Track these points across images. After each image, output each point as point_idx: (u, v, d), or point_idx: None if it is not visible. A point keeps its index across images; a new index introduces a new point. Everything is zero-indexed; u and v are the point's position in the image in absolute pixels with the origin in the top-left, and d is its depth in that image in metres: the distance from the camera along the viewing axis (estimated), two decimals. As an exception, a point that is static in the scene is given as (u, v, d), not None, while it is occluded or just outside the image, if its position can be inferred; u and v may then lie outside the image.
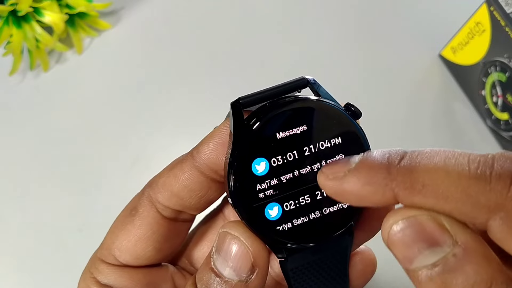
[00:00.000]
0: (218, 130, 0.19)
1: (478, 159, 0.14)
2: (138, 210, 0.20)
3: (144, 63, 0.42)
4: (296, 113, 0.17)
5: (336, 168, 0.16)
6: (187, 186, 0.19)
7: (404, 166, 0.14)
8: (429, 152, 0.14)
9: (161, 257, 0.21)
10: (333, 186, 0.15)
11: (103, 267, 0.21)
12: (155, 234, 0.20)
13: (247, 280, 0.17)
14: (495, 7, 0.35)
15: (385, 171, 0.14)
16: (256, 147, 0.17)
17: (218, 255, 0.17)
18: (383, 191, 0.14)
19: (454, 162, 0.14)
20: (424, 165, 0.14)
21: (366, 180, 0.15)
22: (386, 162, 0.15)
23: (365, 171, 0.15)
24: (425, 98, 0.42)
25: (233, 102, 0.18)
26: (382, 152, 0.15)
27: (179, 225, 0.21)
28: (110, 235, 0.21)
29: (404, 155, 0.15)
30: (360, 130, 0.18)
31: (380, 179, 0.14)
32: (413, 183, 0.14)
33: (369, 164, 0.15)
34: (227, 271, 0.17)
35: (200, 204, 0.20)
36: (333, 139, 0.18)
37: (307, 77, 0.19)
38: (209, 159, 0.19)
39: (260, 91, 0.18)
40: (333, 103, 0.18)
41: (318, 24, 0.44)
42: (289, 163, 0.17)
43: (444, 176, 0.13)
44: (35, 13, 0.38)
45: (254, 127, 0.17)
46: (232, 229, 0.17)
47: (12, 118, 0.40)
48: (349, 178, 0.15)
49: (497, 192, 0.13)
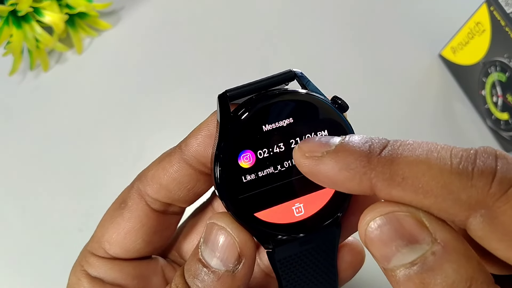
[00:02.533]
0: (206, 122, 0.19)
1: (461, 154, 0.13)
2: (128, 203, 0.20)
3: (144, 63, 0.42)
4: (283, 105, 0.17)
5: (314, 147, 0.15)
6: (176, 179, 0.19)
7: (385, 156, 0.14)
8: (412, 143, 0.14)
9: (151, 250, 0.21)
10: (309, 165, 0.15)
11: (93, 260, 0.21)
12: (144, 226, 0.20)
13: (234, 270, 0.17)
14: (495, 7, 0.35)
15: (365, 159, 0.14)
16: (242, 139, 0.17)
17: (205, 246, 0.17)
18: (360, 180, 0.14)
19: (436, 156, 0.13)
20: (406, 157, 0.13)
21: (343, 165, 0.14)
22: (367, 150, 0.14)
23: (344, 155, 0.14)
24: (425, 98, 0.42)
25: (220, 95, 0.18)
26: (364, 138, 0.14)
27: (168, 217, 0.21)
28: (100, 228, 0.21)
29: (386, 145, 0.14)
30: (347, 122, 0.18)
31: (358, 167, 0.14)
32: (392, 174, 0.13)
33: (349, 149, 0.14)
34: (214, 261, 0.17)
35: (189, 196, 0.20)
36: (319, 132, 0.18)
37: (295, 70, 0.19)
38: (197, 152, 0.19)
39: (247, 84, 0.18)
40: (320, 96, 0.18)
41: (318, 24, 0.44)
42: (275, 156, 0.17)
43: (425, 169, 0.13)
44: (35, 13, 0.38)
45: (241, 119, 0.17)
46: (219, 220, 0.17)
47: (12, 118, 0.40)
48: (326, 160, 0.14)
49: (479, 189, 0.13)
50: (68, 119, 0.40)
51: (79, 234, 0.36)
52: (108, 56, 0.42)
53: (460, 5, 0.42)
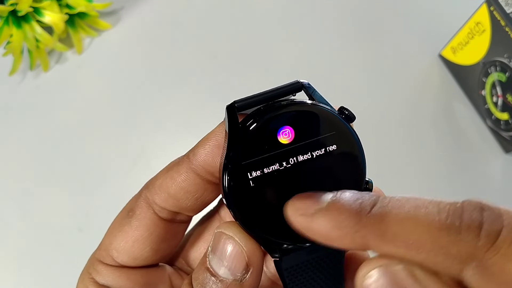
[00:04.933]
0: (214, 132, 0.19)
1: (448, 208, 0.14)
2: (135, 211, 0.21)
3: (144, 63, 0.42)
4: (291, 116, 0.17)
5: (306, 204, 0.15)
6: (184, 188, 0.20)
7: (375, 214, 0.14)
8: (400, 200, 0.14)
9: (158, 258, 0.22)
10: (302, 222, 0.15)
11: (101, 268, 0.21)
12: (152, 235, 0.21)
13: (242, 279, 0.17)
14: (495, 7, 0.35)
15: (355, 218, 0.14)
16: (250, 149, 0.17)
17: (213, 254, 0.18)
18: (352, 237, 0.14)
19: (424, 212, 0.14)
20: (395, 214, 0.14)
21: (335, 224, 0.14)
22: (357, 208, 0.14)
23: (335, 214, 0.15)
24: (425, 98, 0.42)
25: (228, 105, 0.18)
26: (354, 195, 0.15)
27: (175, 226, 0.22)
28: (108, 236, 0.21)
29: (376, 202, 0.14)
30: (354, 133, 0.18)
31: (350, 225, 0.14)
32: (383, 232, 0.14)
33: (340, 207, 0.15)
34: (222, 271, 0.17)
35: (196, 205, 0.20)
36: (328, 147, 0.18)
37: (302, 81, 0.19)
38: (205, 161, 0.19)
39: (255, 95, 0.18)
40: (328, 107, 0.18)
41: (318, 25, 0.44)
42: (283, 167, 0.17)
43: (415, 226, 0.14)
44: (35, 13, 0.38)
45: (249, 129, 0.17)
46: (227, 229, 0.18)
47: (12, 118, 0.40)
48: (318, 218, 0.15)
49: (467, 242, 0.13)
50: (68, 119, 0.40)
51: (79, 233, 0.36)
52: (108, 56, 0.42)
53: (460, 5, 0.42)
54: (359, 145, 0.18)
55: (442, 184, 0.39)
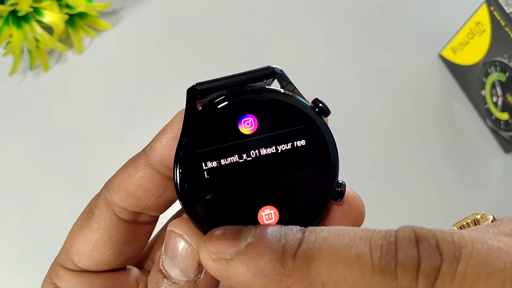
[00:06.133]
0: (170, 124, 0.18)
1: (380, 244, 0.12)
2: (95, 213, 0.19)
3: (144, 63, 0.42)
4: (255, 104, 0.16)
5: (222, 246, 0.13)
6: (142, 186, 0.18)
7: (300, 259, 0.12)
8: (327, 237, 0.13)
9: (122, 261, 0.20)
10: (217, 269, 0.13)
11: (62, 273, 0.20)
12: (113, 237, 0.19)
13: (196, 280, 0.16)
14: (495, 7, 0.35)
15: (279, 264, 0.12)
16: (207, 137, 0.16)
17: (165, 255, 0.16)
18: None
19: (355, 252, 0.12)
20: (323, 258, 0.12)
21: (256, 272, 0.12)
22: (280, 250, 0.13)
23: (255, 258, 0.13)
24: (425, 98, 0.42)
25: (189, 88, 0.16)
26: (277, 233, 0.13)
27: (139, 227, 0.20)
28: (69, 240, 0.20)
29: (301, 242, 0.13)
30: (327, 128, 0.16)
31: (273, 274, 0.12)
32: (311, 281, 0.12)
33: (260, 250, 0.13)
34: (175, 272, 0.16)
35: (158, 204, 0.19)
36: (296, 142, 0.16)
37: (274, 67, 0.17)
38: (162, 156, 0.18)
39: (220, 78, 0.17)
40: (299, 97, 0.16)
41: (318, 25, 0.44)
42: (243, 159, 0.16)
43: (346, 273, 0.12)
44: (35, 13, 0.38)
45: (207, 115, 0.16)
46: (177, 227, 0.16)
47: (12, 118, 0.40)
48: (236, 264, 0.13)
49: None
50: (68, 119, 0.40)
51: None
52: (108, 56, 0.42)
53: (460, 5, 0.42)
54: (331, 142, 0.16)
55: (442, 184, 0.39)
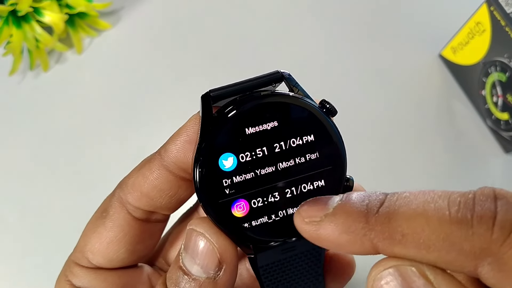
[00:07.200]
0: (185, 127, 0.19)
1: (458, 201, 0.13)
2: (109, 212, 0.20)
3: (144, 63, 0.42)
4: (268, 108, 0.17)
5: (312, 211, 0.15)
6: (156, 186, 0.19)
7: (382, 214, 0.13)
8: (408, 196, 0.14)
9: (135, 259, 0.21)
10: (309, 230, 0.15)
11: (77, 270, 0.20)
12: (127, 235, 0.20)
13: (215, 277, 0.17)
14: (495, 7, 0.35)
15: (363, 220, 0.14)
16: (224, 141, 0.17)
17: (186, 253, 0.17)
18: (361, 242, 0.14)
19: (433, 207, 0.13)
20: (403, 212, 0.13)
21: (343, 229, 0.14)
22: (365, 209, 0.14)
23: (343, 218, 0.14)
24: (425, 98, 0.42)
25: (203, 95, 0.17)
26: (361, 196, 0.14)
27: (151, 226, 0.21)
28: (83, 238, 0.21)
29: (383, 201, 0.14)
30: (334, 127, 0.17)
31: (358, 229, 0.14)
32: (392, 233, 0.13)
33: (347, 211, 0.14)
34: (195, 269, 0.17)
35: (171, 203, 0.20)
36: (305, 137, 0.17)
37: (282, 71, 0.18)
38: (176, 158, 0.19)
39: (232, 84, 0.18)
40: (308, 99, 0.17)
41: (318, 24, 0.44)
42: (258, 160, 0.17)
43: (424, 223, 0.13)
44: (35, 13, 0.38)
45: (223, 121, 0.17)
46: (198, 225, 0.17)
47: (12, 118, 0.40)
48: (326, 225, 0.14)
49: (481, 236, 0.12)
50: (68, 119, 0.40)
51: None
52: (108, 56, 0.42)
53: (460, 5, 0.42)
54: (339, 140, 0.17)
55: (441, 184, 0.39)
